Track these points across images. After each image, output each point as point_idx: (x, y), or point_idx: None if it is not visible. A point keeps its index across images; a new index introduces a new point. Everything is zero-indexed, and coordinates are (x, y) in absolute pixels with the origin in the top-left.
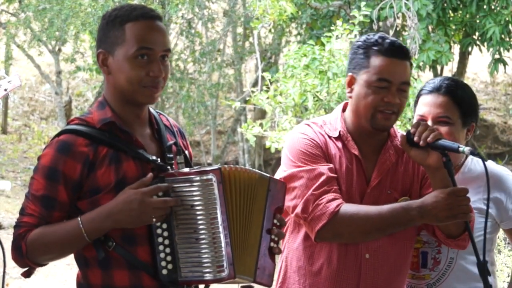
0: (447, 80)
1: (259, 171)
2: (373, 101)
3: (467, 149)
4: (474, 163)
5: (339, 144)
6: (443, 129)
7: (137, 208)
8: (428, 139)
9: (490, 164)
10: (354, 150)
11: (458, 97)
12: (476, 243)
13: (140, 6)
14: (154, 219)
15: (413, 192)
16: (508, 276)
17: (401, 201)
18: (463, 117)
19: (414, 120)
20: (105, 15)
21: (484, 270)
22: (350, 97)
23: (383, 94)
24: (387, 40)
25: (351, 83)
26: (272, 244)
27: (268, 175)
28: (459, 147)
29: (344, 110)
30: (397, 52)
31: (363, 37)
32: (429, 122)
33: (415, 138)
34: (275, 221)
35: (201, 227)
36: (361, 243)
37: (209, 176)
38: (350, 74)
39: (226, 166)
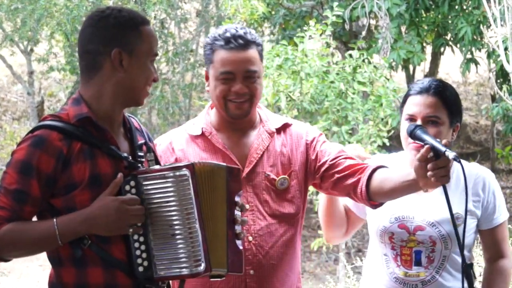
0: (435, 81)
1: (215, 162)
2: (221, 92)
3: (452, 154)
4: (458, 168)
5: (201, 142)
6: (433, 129)
7: (114, 214)
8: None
9: (475, 165)
10: (217, 144)
11: (446, 98)
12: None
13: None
14: (131, 230)
15: (295, 164)
16: (480, 275)
17: (279, 180)
18: (450, 117)
19: (402, 120)
20: (109, 14)
21: (470, 272)
22: (208, 91)
23: (230, 85)
24: (227, 34)
25: (206, 78)
26: (238, 230)
27: (224, 164)
28: (446, 151)
29: (212, 108)
30: (235, 43)
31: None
32: (419, 121)
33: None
34: (237, 207)
35: (176, 222)
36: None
37: (183, 172)
38: (205, 69)
39: (197, 162)
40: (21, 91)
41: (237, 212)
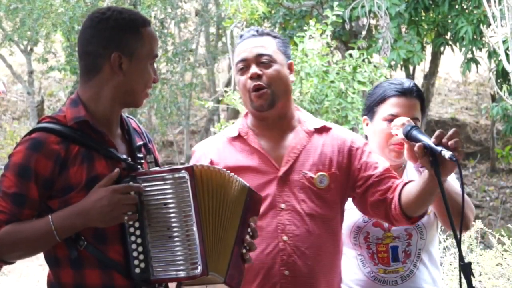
0: (412, 82)
1: (238, 178)
2: (242, 84)
3: (448, 153)
4: (411, 168)
5: (238, 143)
6: None
7: (107, 205)
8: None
9: None
10: (254, 144)
11: (423, 99)
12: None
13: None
14: (126, 218)
15: (337, 167)
16: (480, 275)
17: (318, 177)
18: (422, 116)
19: (377, 119)
20: (109, 16)
21: (469, 271)
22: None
23: (247, 74)
24: (244, 32)
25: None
26: (244, 251)
27: (248, 184)
28: (441, 150)
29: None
30: (248, 34)
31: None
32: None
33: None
34: (249, 230)
35: (174, 224)
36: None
37: (182, 174)
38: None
39: (198, 164)
40: (21, 91)
41: (248, 236)
